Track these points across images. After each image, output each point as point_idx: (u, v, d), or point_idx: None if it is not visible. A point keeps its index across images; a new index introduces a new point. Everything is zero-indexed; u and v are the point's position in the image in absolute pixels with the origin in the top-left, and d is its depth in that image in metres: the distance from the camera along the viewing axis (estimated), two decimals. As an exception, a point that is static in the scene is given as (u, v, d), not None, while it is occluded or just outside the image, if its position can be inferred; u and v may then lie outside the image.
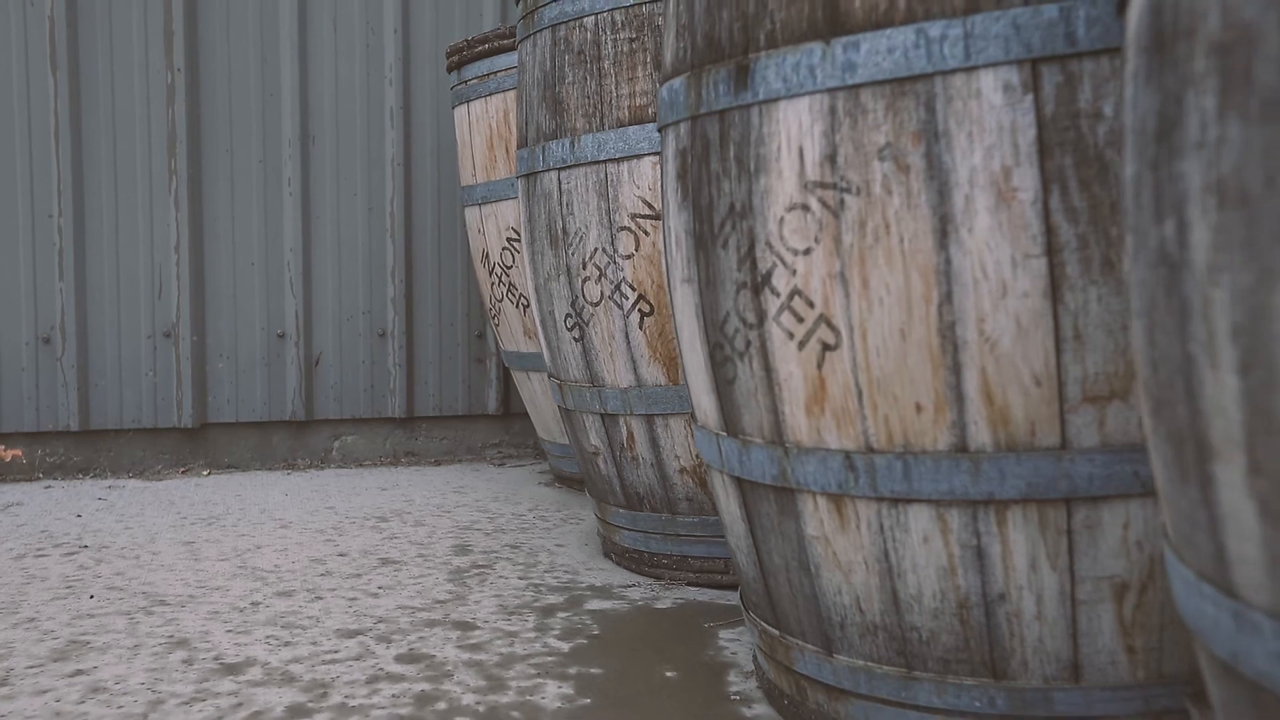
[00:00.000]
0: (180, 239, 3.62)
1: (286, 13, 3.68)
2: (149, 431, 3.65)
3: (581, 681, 1.77)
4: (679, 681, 1.77)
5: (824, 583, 1.44)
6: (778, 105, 1.34)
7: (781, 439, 1.42)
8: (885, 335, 1.29)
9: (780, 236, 1.35)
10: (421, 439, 3.90)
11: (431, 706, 1.66)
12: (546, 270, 2.36)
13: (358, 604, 2.19)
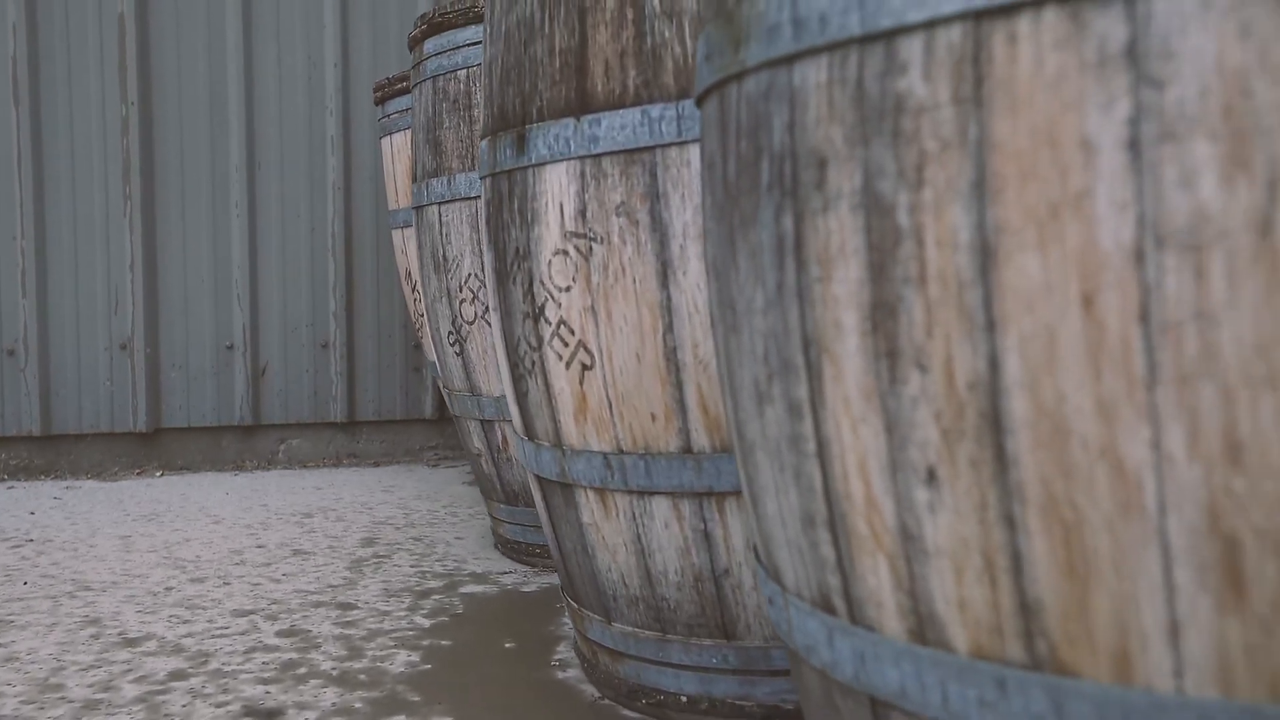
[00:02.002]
0: (135, 258, 3.92)
1: (233, 48, 3.98)
2: (106, 436, 3.95)
3: (430, 651, 2.05)
4: (514, 651, 2.05)
5: (599, 562, 1.73)
6: (545, 168, 1.63)
7: (560, 442, 1.71)
8: (625, 358, 1.58)
9: (549, 276, 1.64)
10: (363, 441, 4.19)
11: (293, 671, 1.95)
12: (433, 292, 2.65)
13: (259, 589, 2.48)
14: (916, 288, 0.76)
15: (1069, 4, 0.67)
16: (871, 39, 0.76)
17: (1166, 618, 0.70)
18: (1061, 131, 0.68)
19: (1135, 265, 0.67)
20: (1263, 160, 0.63)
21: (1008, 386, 0.72)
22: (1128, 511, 0.69)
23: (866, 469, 0.82)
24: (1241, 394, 0.65)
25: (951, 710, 0.81)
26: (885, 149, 0.76)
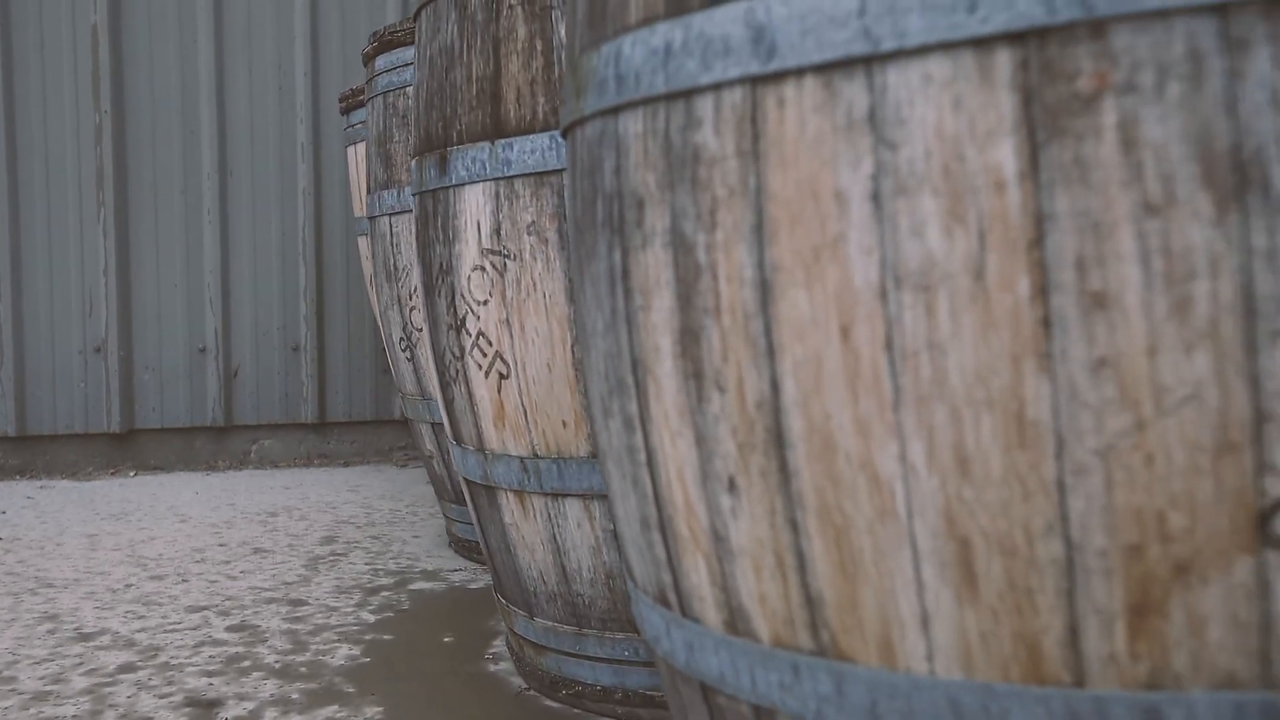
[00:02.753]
0: (109, 263, 4.02)
1: (205, 57, 4.07)
2: (81, 436, 4.05)
3: (371, 645, 2.15)
4: (452, 645, 2.15)
5: (520, 561, 1.83)
6: (464, 188, 1.72)
7: (483, 447, 1.81)
8: (538, 368, 1.67)
9: (469, 290, 1.74)
10: (333, 442, 4.29)
11: (237, 664, 2.05)
12: (385, 300, 2.75)
13: (216, 585, 2.58)
14: (714, 317, 0.85)
15: (823, 74, 0.77)
16: (674, 96, 0.86)
17: (918, 609, 0.80)
18: (820, 184, 0.78)
19: (880, 302, 0.76)
20: (974, 214, 0.73)
21: (787, 406, 0.82)
22: (884, 516, 0.79)
23: (684, 477, 0.92)
24: (966, 414, 0.75)
25: (759, 693, 0.91)
26: (687, 194, 0.86)
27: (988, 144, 0.72)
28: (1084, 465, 0.73)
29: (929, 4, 0.72)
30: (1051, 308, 0.72)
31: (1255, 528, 0.71)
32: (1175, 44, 0.69)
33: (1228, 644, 0.73)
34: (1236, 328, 0.69)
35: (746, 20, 0.80)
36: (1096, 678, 0.76)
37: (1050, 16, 0.70)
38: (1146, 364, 0.70)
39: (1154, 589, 0.73)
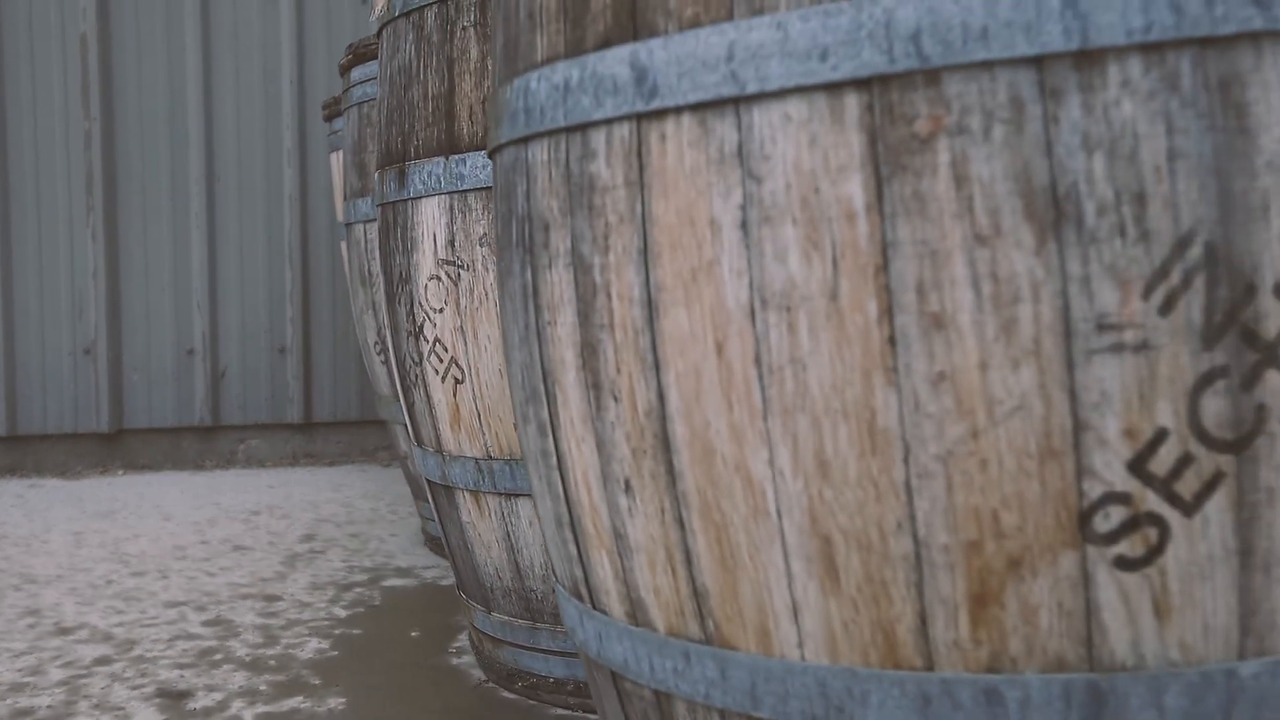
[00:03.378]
0: (98, 267, 4.09)
1: (193, 65, 4.15)
2: (70, 436, 4.13)
3: (340, 639, 2.23)
4: (418, 639, 2.23)
5: (478, 558, 1.91)
6: (421, 201, 1.80)
7: (441, 449, 1.88)
8: (490, 373, 1.75)
9: (426, 298, 1.82)
10: (319, 442, 4.36)
11: (209, 657, 2.13)
12: (360, 304, 2.83)
13: (195, 581, 2.66)
14: (609, 332, 0.93)
15: (698, 113, 0.85)
16: (573, 129, 0.94)
17: (789, 600, 0.87)
18: (697, 212, 0.85)
19: (750, 320, 0.84)
20: (829, 242, 0.80)
21: (672, 414, 0.90)
22: (757, 515, 0.87)
23: (589, 479, 1.00)
24: (825, 423, 0.82)
25: (657, 679, 0.98)
26: (584, 219, 0.93)
27: (839, 178, 0.80)
28: (928, 469, 0.80)
29: (787, 51, 0.80)
30: (896, 327, 0.79)
31: (1077, 526, 0.79)
32: (999, 92, 0.76)
33: (1056, 630, 0.81)
34: (1056, 346, 0.77)
35: (631, 62, 0.87)
36: (944, 662, 0.83)
37: (891, 65, 0.77)
38: (979, 378, 0.78)
39: (991, 581, 0.81)
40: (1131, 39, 0.75)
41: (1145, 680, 0.80)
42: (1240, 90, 0.76)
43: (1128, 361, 0.77)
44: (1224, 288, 0.76)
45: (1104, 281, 0.76)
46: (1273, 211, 0.76)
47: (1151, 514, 0.78)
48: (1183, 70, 0.75)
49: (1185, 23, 0.75)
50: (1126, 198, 0.76)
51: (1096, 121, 0.76)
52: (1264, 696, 0.80)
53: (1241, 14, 0.75)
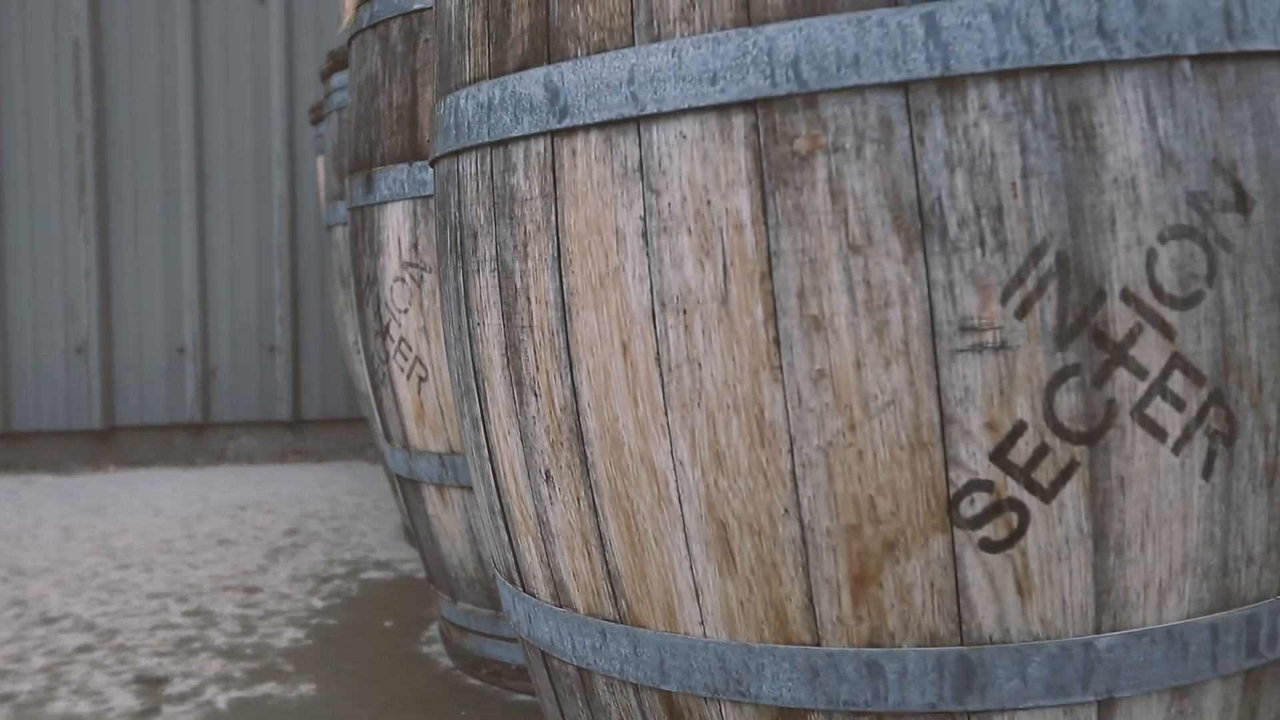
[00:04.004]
0: (90, 267, 4.17)
1: (183, 69, 4.23)
2: (64, 434, 4.20)
3: (315, 629, 2.30)
4: (392, 629, 2.30)
5: (443, 549, 1.98)
6: (387, 206, 1.87)
7: (407, 444, 1.96)
8: (452, 371, 1.82)
9: (392, 299, 1.89)
10: (308, 439, 4.44)
11: (188, 646, 2.20)
12: (340, 305, 2.90)
13: (179, 574, 2.73)
14: (529, 333, 1.00)
15: (604, 130, 0.92)
16: (496, 144, 1.01)
17: (691, 581, 0.94)
18: (604, 222, 0.92)
19: (651, 322, 0.91)
20: (720, 250, 0.87)
21: (584, 409, 0.97)
22: (661, 503, 0.94)
23: (515, 470, 1.07)
24: (719, 417, 0.89)
25: (579, 656, 1.05)
26: (506, 228, 1.01)
27: (729, 192, 0.87)
28: (811, 459, 0.87)
29: (681, 75, 0.87)
30: (781, 329, 0.86)
31: (945, 511, 0.86)
32: (870, 114, 0.83)
33: (929, 607, 0.88)
34: (924, 346, 0.84)
35: (545, 83, 0.94)
36: (829, 637, 0.90)
37: (773, 89, 0.85)
38: (855, 376, 0.85)
39: (870, 562, 0.88)
40: (989, 67, 0.82)
41: (1010, 653, 0.87)
42: (1088, 113, 0.83)
43: (988, 361, 0.84)
44: (1075, 293, 0.83)
45: (966, 287, 0.83)
46: (1119, 224, 0.83)
47: (1012, 500, 0.85)
48: (1035, 95, 0.82)
49: (1037, 52, 0.82)
50: (985, 211, 0.83)
51: (958, 141, 0.83)
52: (1119, 667, 0.88)
53: (1088, 45, 0.82)
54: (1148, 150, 0.84)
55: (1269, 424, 0.89)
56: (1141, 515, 0.86)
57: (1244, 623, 0.90)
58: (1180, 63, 0.85)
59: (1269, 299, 0.88)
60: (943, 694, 0.88)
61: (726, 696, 0.94)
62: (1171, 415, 0.86)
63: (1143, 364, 0.85)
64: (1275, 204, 0.88)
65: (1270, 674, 0.93)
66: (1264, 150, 0.87)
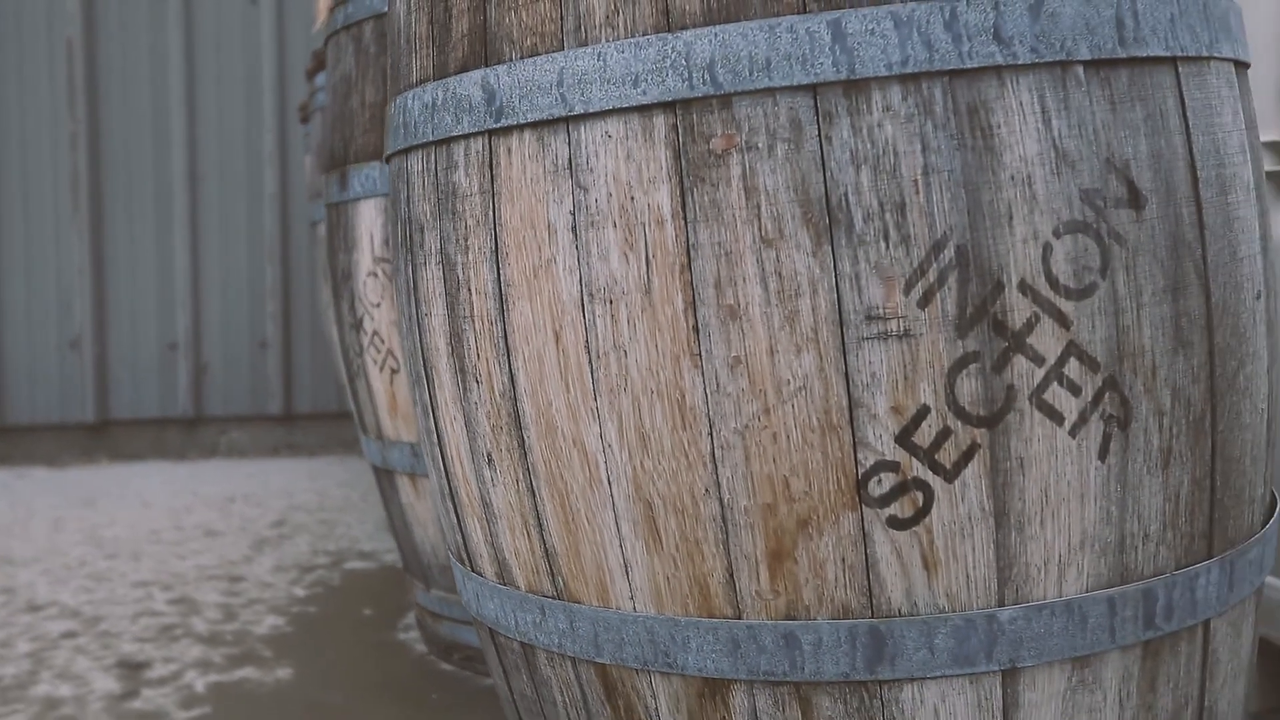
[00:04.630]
0: (84, 264, 4.23)
1: (176, 68, 4.28)
2: (57, 428, 4.26)
3: (295, 617, 2.35)
4: (371, 617, 2.35)
5: (417, 537, 2.03)
6: (360, 203, 1.92)
7: (381, 435, 2.01)
8: (423, 363, 1.87)
9: (365, 294, 1.94)
10: (300, 433, 4.49)
11: (170, 632, 2.25)
12: (325, 299, 2.95)
13: (165, 564, 2.78)
14: (470, 323, 1.05)
15: (537, 130, 0.97)
16: (440, 143, 1.06)
17: (621, 558, 0.99)
18: (537, 217, 0.98)
19: (581, 312, 0.96)
20: (643, 243, 0.92)
21: (521, 395, 1.02)
22: (592, 484, 0.99)
23: (461, 454, 1.12)
24: (644, 402, 0.94)
25: (521, 631, 1.10)
26: (449, 222, 1.06)
27: (650, 188, 0.92)
28: (729, 441, 0.92)
29: (606, 78, 0.92)
30: (699, 318, 0.91)
31: (855, 490, 0.91)
32: (781, 114, 0.88)
33: (841, 582, 0.93)
34: (832, 334, 0.89)
35: (483, 85, 1.00)
36: (749, 610, 0.95)
37: (691, 91, 0.90)
38: (769, 362, 0.90)
39: (785, 539, 0.93)
40: (891, 71, 0.87)
41: (918, 625, 0.92)
42: (986, 115, 0.88)
43: (893, 348, 0.89)
44: (974, 285, 0.88)
45: (871, 279, 0.88)
46: (1016, 219, 0.88)
47: (918, 480, 0.90)
48: (936, 98, 0.87)
49: (937, 57, 0.87)
50: (889, 207, 0.88)
51: (863, 141, 0.88)
52: (1021, 638, 0.93)
53: (985, 50, 0.87)
54: (1043, 149, 0.89)
55: (1163, 409, 0.94)
56: (1041, 494, 0.91)
57: (1140, 597, 0.95)
58: (1074, 67, 0.89)
59: (1162, 290, 0.93)
60: (855, 664, 0.93)
61: (655, 668, 0.99)
62: (1068, 400, 0.91)
63: (1040, 351, 0.89)
64: (1168, 201, 0.93)
65: (1168, 645, 0.98)
66: (1156, 150, 0.92)
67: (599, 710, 1.06)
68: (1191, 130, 0.95)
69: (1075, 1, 0.89)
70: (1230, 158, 0.98)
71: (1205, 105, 0.96)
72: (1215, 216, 0.96)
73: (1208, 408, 0.97)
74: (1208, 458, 0.97)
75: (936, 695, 0.94)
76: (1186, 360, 0.95)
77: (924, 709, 0.94)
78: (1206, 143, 0.96)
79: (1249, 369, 1.01)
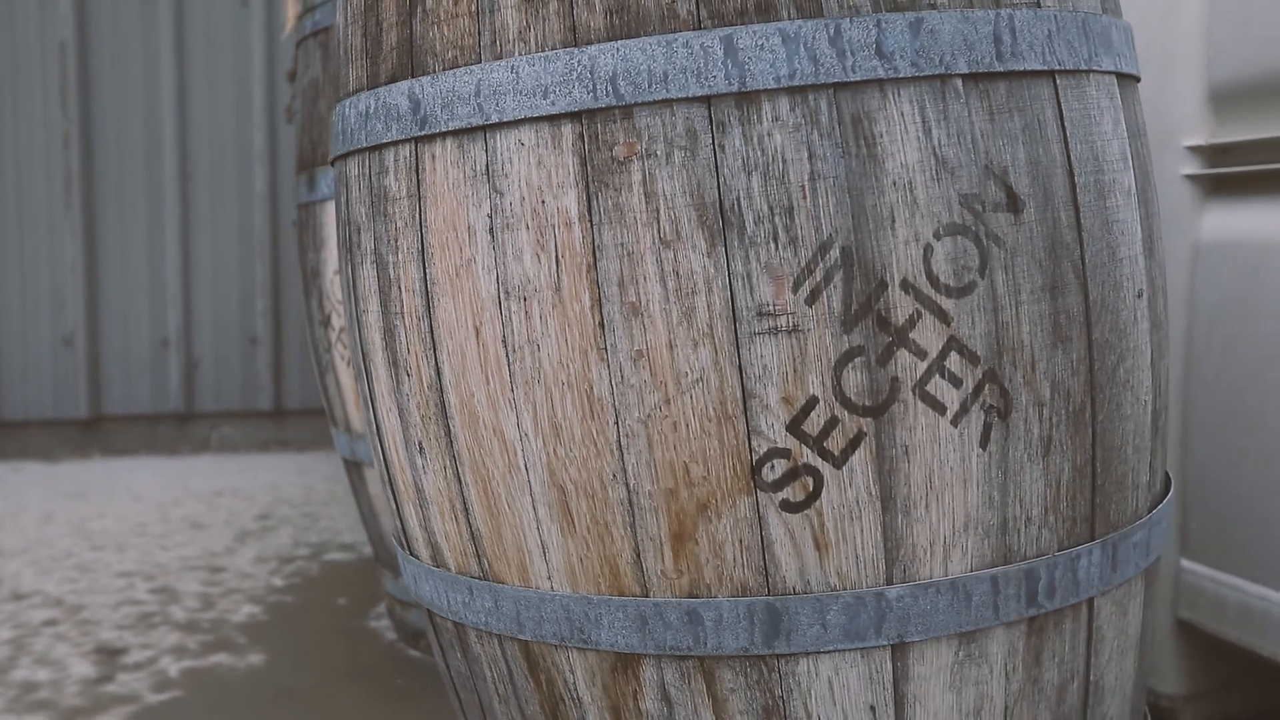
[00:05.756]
0: (76, 262, 4.30)
1: (167, 69, 4.35)
2: (51, 423, 4.33)
3: (272, 605, 2.42)
4: (345, 606, 2.42)
5: (384, 527, 2.09)
6: (328, 203, 1.99)
7: (350, 428, 2.07)
8: (387, 359, 1.93)
9: (333, 291, 2.00)
10: (290, 429, 4.56)
11: (148, 620, 2.32)
12: (306, 297, 3.02)
13: (149, 555, 2.85)
14: (400, 319, 1.11)
15: (458, 137, 1.03)
16: (373, 149, 1.12)
17: (539, 540, 1.06)
18: (458, 219, 1.04)
19: (498, 308, 1.02)
20: (553, 244, 0.99)
21: (446, 386, 1.08)
22: (511, 470, 1.05)
23: (396, 444, 1.18)
24: (556, 393, 1.01)
25: (453, 611, 1.17)
26: (382, 224, 1.12)
27: (560, 193, 0.98)
28: (633, 430, 0.99)
29: (519, 89, 0.99)
30: (604, 314, 0.98)
31: (750, 476, 0.97)
32: (678, 124, 0.95)
33: (740, 562, 0.99)
34: (727, 330, 0.95)
35: (409, 95, 1.06)
36: (656, 589, 1.02)
37: (595, 102, 0.96)
38: (669, 355, 0.96)
39: (687, 522, 0.99)
40: (780, 83, 0.93)
41: (811, 602, 0.98)
42: (869, 124, 0.94)
43: (783, 342, 0.95)
44: (859, 283, 0.94)
45: (762, 278, 0.94)
46: (899, 222, 0.94)
47: (808, 465, 0.96)
48: (821, 109, 0.94)
49: (823, 71, 0.93)
50: (778, 210, 0.94)
51: (753, 149, 0.94)
52: (908, 614, 0.99)
53: (867, 65, 0.93)
54: (923, 157, 0.95)
55: (1042, 400, 1.00)
56: (925, 480, 0.97)
57: (1023, 576, 1.01)
58: (953, 80, 0.96)
59: (1040, 289, 0.99)
60: (754, 639, 1.00)
61: (572, 644, 1.06)
62: (950, 391, 0.97)
63: (922, 346, 0.96)
64: (1046, 205, 0.99)
65: (1053, 622, 1.04)
66: (1034, 158, 0.99)
67: (523, 684, 1.13)
68: (1070, 139, 1.01)
69: (954, 19, 0.95)
70: (1109, 164, 1.04)
71: (1084, 115, 1.02)
72: (1093, 220, 1.02)
73: (1088, 399, 1.03)
74: (1088, 446, 1.04)
75: (830, 668, 1.00)
76: (1066, 354, 1.01)
77: (819, 681, 1.01)
78: (1085, 150, 1.02)
79: (1130, 363, 1.07)
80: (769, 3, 0.94)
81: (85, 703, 1.89)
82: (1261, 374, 1.53)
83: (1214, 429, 1.61)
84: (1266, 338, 1.52)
